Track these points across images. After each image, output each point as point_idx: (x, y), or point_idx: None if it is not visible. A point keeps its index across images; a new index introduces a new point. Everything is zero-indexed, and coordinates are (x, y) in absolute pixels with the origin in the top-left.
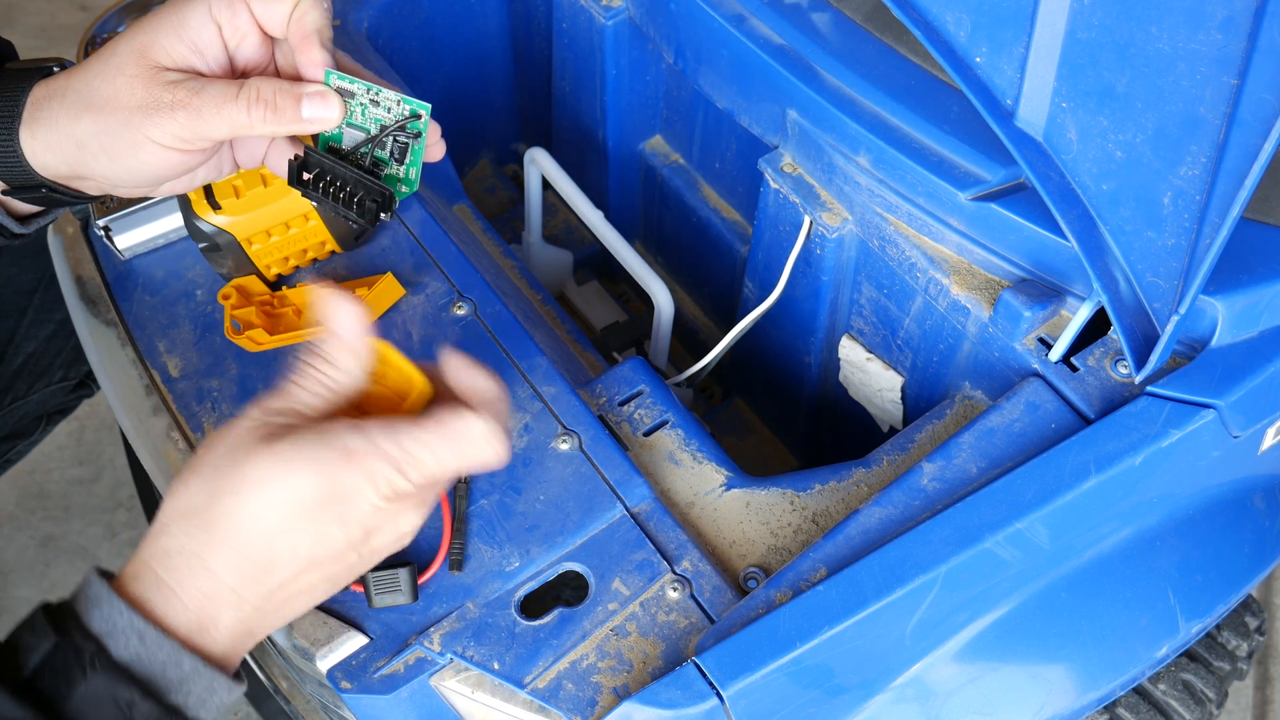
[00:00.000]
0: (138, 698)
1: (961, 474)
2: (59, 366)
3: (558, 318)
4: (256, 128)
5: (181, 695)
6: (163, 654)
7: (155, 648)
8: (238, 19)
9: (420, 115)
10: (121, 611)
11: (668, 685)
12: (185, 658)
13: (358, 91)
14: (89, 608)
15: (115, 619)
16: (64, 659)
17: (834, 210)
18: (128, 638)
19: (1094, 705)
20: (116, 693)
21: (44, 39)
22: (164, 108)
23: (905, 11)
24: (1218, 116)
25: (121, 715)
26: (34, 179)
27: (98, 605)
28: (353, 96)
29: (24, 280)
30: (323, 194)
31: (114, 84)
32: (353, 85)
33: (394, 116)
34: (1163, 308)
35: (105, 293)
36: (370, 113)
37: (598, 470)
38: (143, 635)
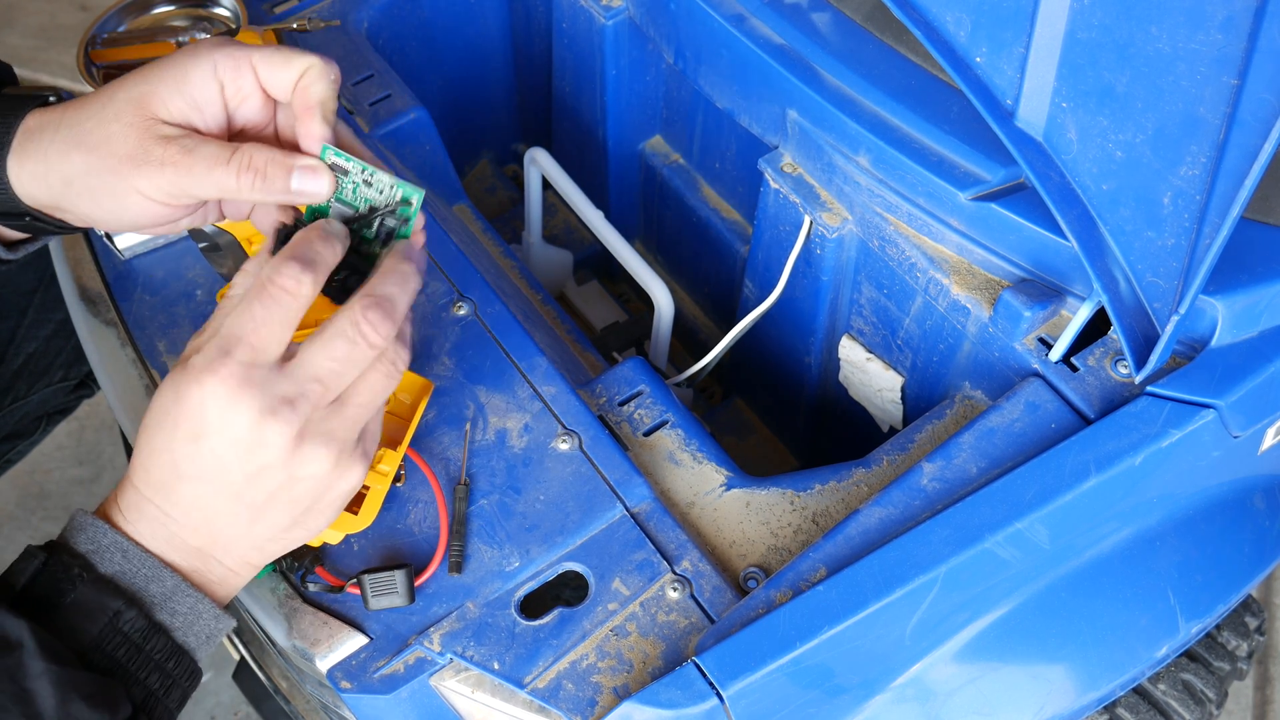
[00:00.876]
0: (124, 607)
1: (961, 474)
2: (59, 367)
3: (558, 318)
4: (244, 194)
5: (167, 613)
6: (145, 569)
7: (138, 563)
8: (241, 80)
9: (410, 201)
10: (105, 532)
11: (668, 685)
12: (166, 574)
13: (352, 170)
14: (74, 533)
15: (99, 539)
16: (52, 575)
17: (834, 210)
18: (111, 554)
19: (1094, 705)
20: (104, 602)
21: (44, 39)
22: (154, 162)
23: (905, 11)
24: (1218, 116)
25: (110, 624)
26: (18, 207)
27: (82, 529)
28: (346, 174)
29: (24, 280)
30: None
31: (108, 129)
32: (348, 163)
33: (385, 199)
34: (1163, 308)
35: (105, 293)
36: (361, 192)
37: (598, 470)
38: (125, 551)
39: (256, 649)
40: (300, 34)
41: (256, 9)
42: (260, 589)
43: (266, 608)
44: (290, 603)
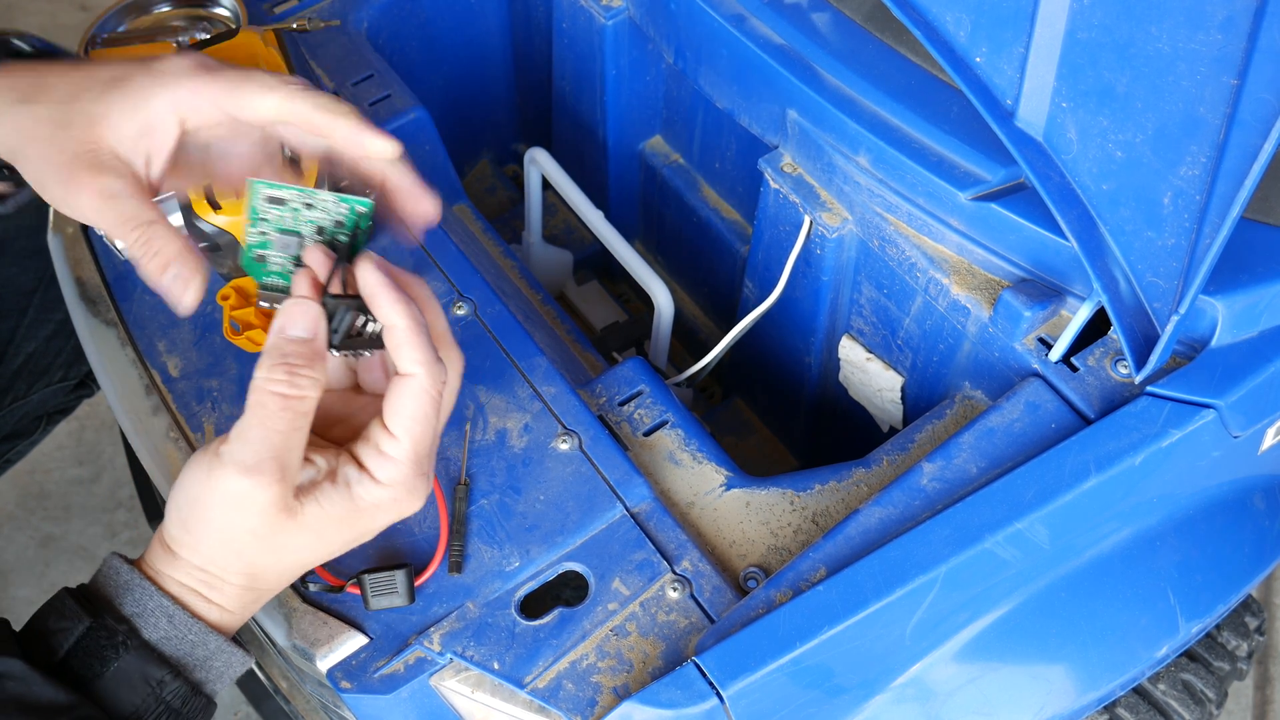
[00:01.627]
0: (168, 676)
1: (961, 474)
2: (59, 366)
3: (558, 318)
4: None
5: (204, 671)
6: (191, 634)
7: (184, 629)
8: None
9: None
10: (152, 595)
11: (668, 685)
12: (211, 638)
13: (289, 198)
14: (120, 592)
15: (146, 602)
16: (97, 640)
17: (834, 210)
18: (157, 619)
19: (1094, 705)
20: (148, 671)
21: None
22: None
23: (905, 11)
24: (1218, 116)
25: (152, 693)
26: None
27: (129, 590)
28: (283, 204)
29: (24, 280)
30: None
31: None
32: (283, 192)
33: (332, 216)
34: (1163, 308)
35: (105, 293)
36: (304, 216)
37: (598, 470)
38: (172, 616)
39: (256, 649)
40: (300, 34)
41: (256, 9)
42: None
43: (267, 608)
44: (290, 603)
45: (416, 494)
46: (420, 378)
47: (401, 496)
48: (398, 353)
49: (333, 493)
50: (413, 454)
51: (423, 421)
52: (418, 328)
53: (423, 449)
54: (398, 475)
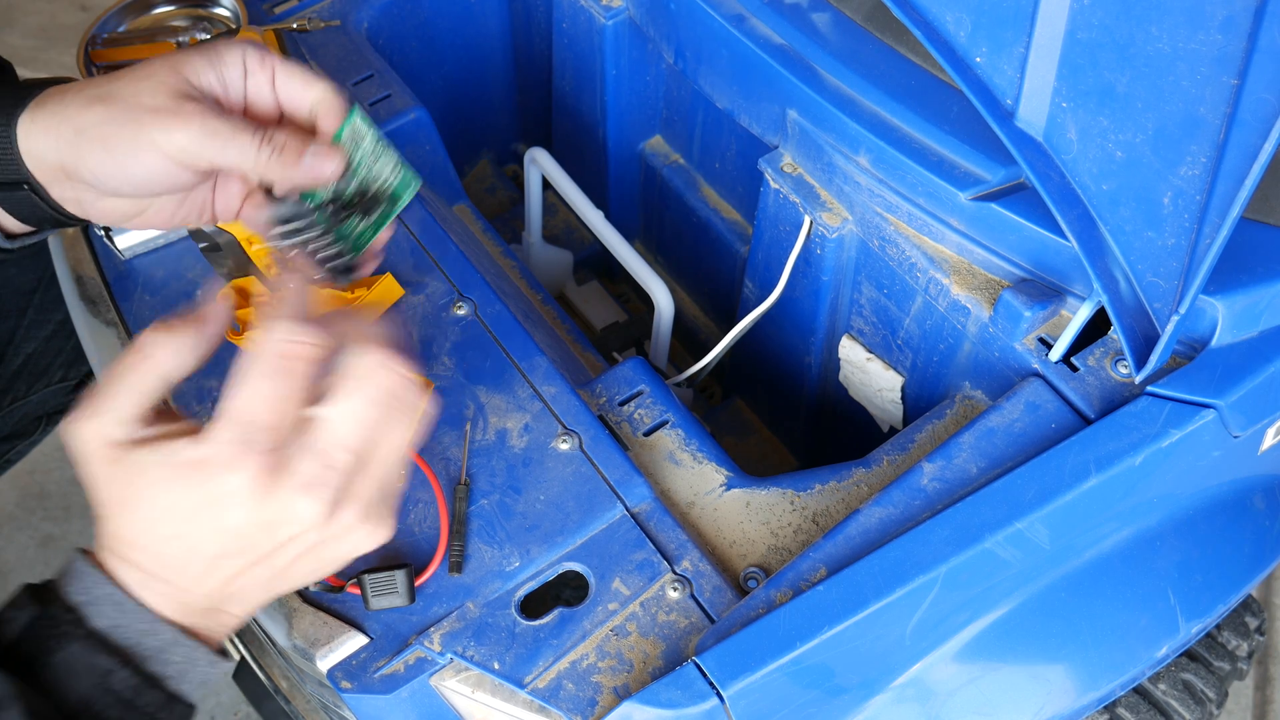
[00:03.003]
0: (115, 665)
1: (961, 474)
2: (59, 367)
3: (558, 318)
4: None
5: (160, 664)
6: (141, 623)
7: (133, 617)
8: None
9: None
10: (100, 583)
11: (668, 685)
12: (163, 627)
13: (369, 141)
14: (69, 581)
15: (94, 589)
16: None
17: (834, 210)
18: (104, 607)
19: (1094, 705)
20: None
21: (44, 39)
22: (182, 115)
23: (905, 11)
24: (1218, 116)
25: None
26: (19, 173)
27: (78, 578)
28: (362, 141)
29: (24, 280)
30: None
31: (137, 86)
32: (370, 132)
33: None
34: (1163, 308)
35: (105, 293)
36: (366, 163)
37: (598, 470)
38: (120, 605)
39: (256, 649)
40: (300, 34)
41: (256, 9)
42: None
43: (267, 608)
44: (290, 603)
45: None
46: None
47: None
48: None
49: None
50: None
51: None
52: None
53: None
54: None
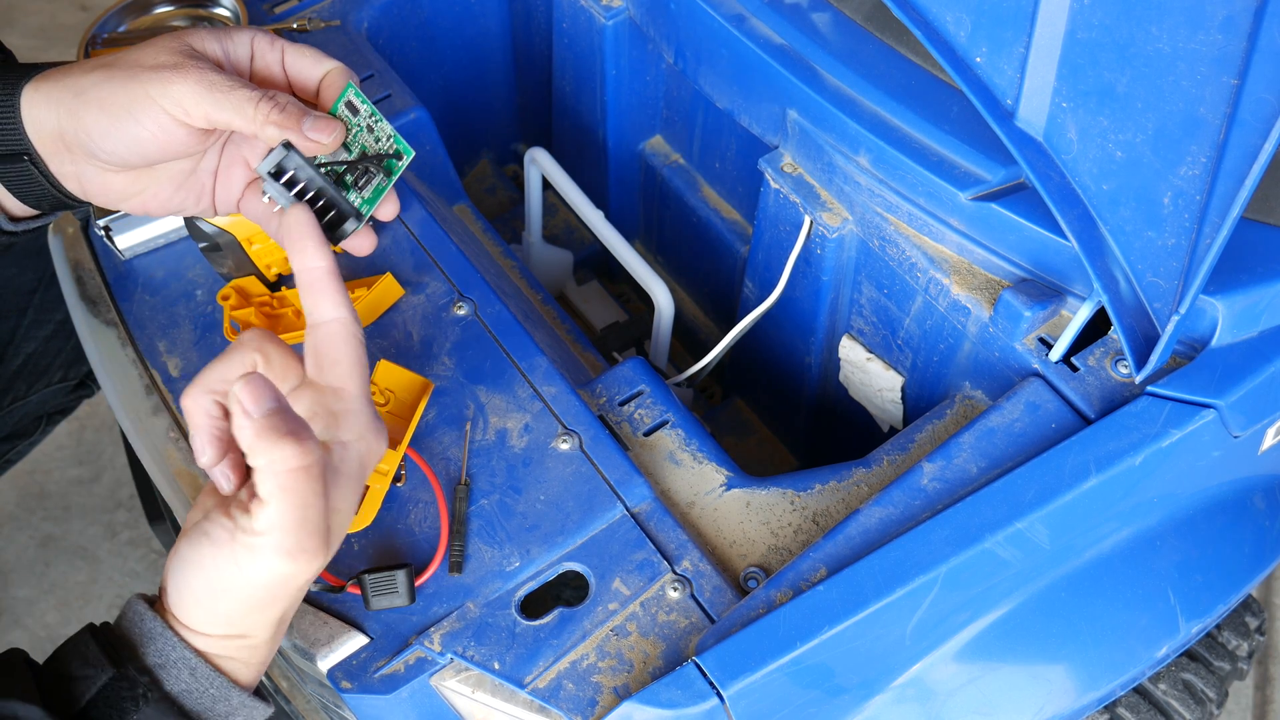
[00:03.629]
0: None
1: (962, 474)
2: (59, 367)
3: (558, 318)
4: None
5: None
6: (213, 689)
7: (206, 682)
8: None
9: (402, 157)
10: (175, 646)
11: (668, 685)
12: (234, 693)
13: (362, 112)
14: (144, 641)
15: (169, 653)
16: (119, 691)
17: (834, 210)
18: (180, 671)
19: (1094, 705)
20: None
21: (44, 39)
22: (180, 69)
23: (905, 11)
24: (1218, 116)
25: None
26: (19, 144)
27: (152, 640)
28: (356, 114)
29: (24, 280)
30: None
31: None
32: (364, 106)
33: (379, 149)
34: (1163, 308)
35: (105, 293)
36: (362, 137)
37: (598, 470)
38: (194, 670)
39: None
40: (300, 34)
41: (256, 9)
42: None
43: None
44: None
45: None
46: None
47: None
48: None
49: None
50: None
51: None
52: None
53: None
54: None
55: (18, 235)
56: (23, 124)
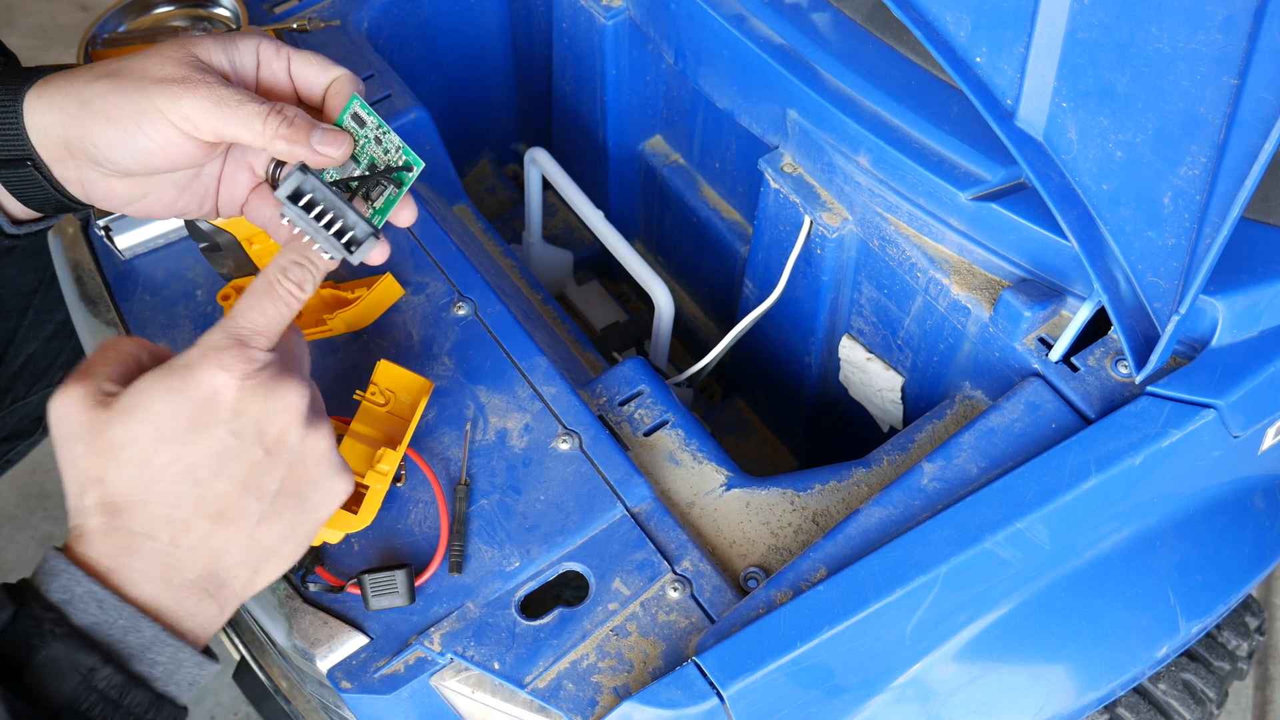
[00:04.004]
0: (99, 663)
1: (962, 474)
2: (59, 367)
3: (558, 318)
4: (265, 137)
5: (146, 664)
6: (122, 619)
7: (114, 613)
8: (277, 65)
9: (412, 169)
10: (79, 580)
11: (668, 685)
12: (145, 624)
13: (369, 124)
14: (47, 579)
15: (73, 587)
16: (23, 628)
17: (834, 210)
18: (86, 604)
19: (1094, 705)
20: (77, 659)
21: (44, 39)
22: (189, 83)
23: (905, 11)
24: (1218, 116)
25: (83, 681)
26: (23, 149)
27: (55, 575)
28: (363, 125)
29: (24, 281)
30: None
31: (146, 61)
32: (369, 117)
33: (388, 160)
34: (1163, 308)
35: (105, 293)
36: (370, 149)
37: (598, 470)
38: (101, 601)
39: (256, 649)
40: (300, 34)
41: (256, 9)
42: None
43: (267, 608)
44: (290, 603)
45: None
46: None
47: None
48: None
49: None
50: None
51: (250, 295)
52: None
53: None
54: (209, 337)
55: (20, 238)
56: (26, 129)
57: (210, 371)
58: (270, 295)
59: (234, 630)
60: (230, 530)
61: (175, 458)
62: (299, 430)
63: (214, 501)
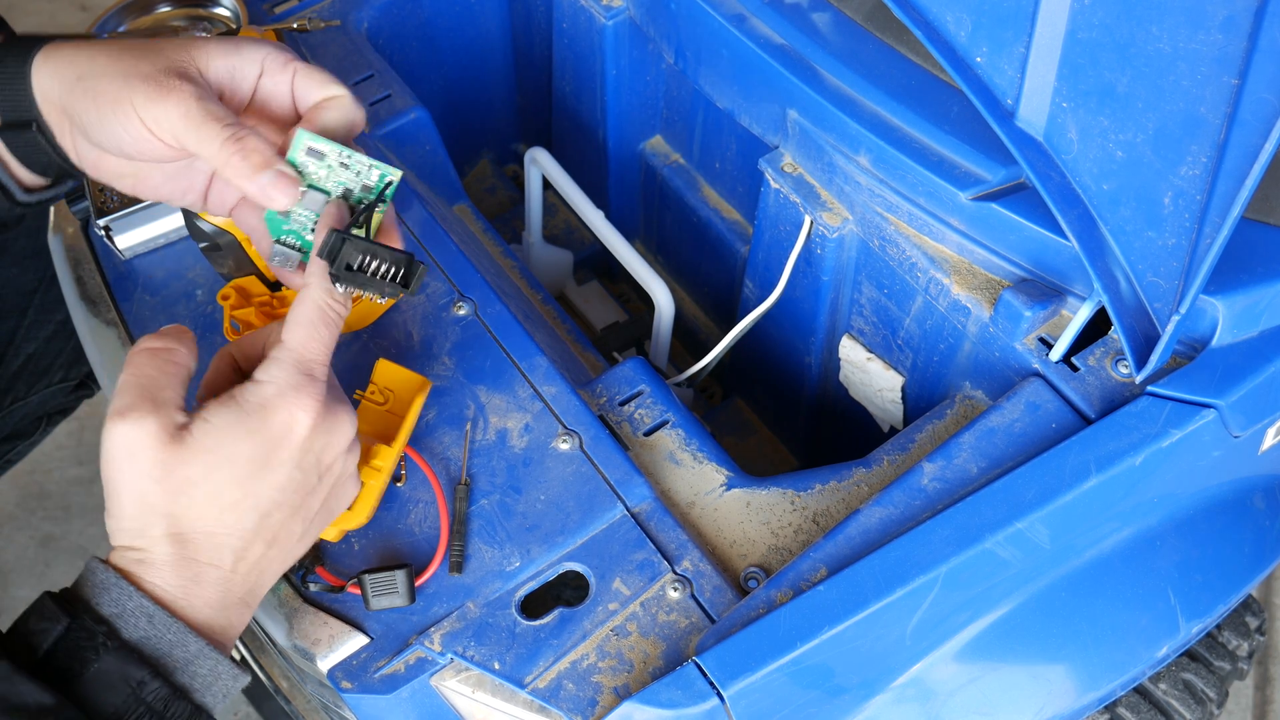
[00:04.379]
0: (148, 677)
1: (962, 474)
2: (59, 367)
3: (558, 318)
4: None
5: (188, 676)
6: (171, 634)
7: (164, 629)
8: (279, 76)
9: (391, 181)
10: (130, 595)
11: (668, 685)
12: (191, 639)
13: (329, 153)
14: (98, 593)
15: (124, 602)
16: (76, 641)
17: (834, 210)
18: (137, 619)
19: (1094, 705)
20: (128, 672)
21: None
22: (165, 88)
23: (905, 11)
24: (1218, 116)
25: (132, 694)
26: (29, 111)
27: (106, 590)
28: (323, 157)
29: (24, 281)
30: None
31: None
32: (325, 146)
33: (361, 180)
34: (1163, 307)
35: (105, 293)
36: (336, 175)
37: (598, 470)
38: (152, 617)
39: (256, 649)
40: (300, 34)
41: (256, 9)
42: None
43: (267, 608)
44: (291, 603)
45: (303, 391)
46: (313, 288)
47: (286, 392)
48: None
49: (218, 405)
50: (296, 354)
51: (307, 325)
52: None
53: (308, 351)
54: (279, 372)
55: (30, 205)
56: (33, 93)
57: (288, 413)
58: (324, 320)
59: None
60: (277, 550)
61: (247, 494)
62: (345, 455)
63: (272, 529)
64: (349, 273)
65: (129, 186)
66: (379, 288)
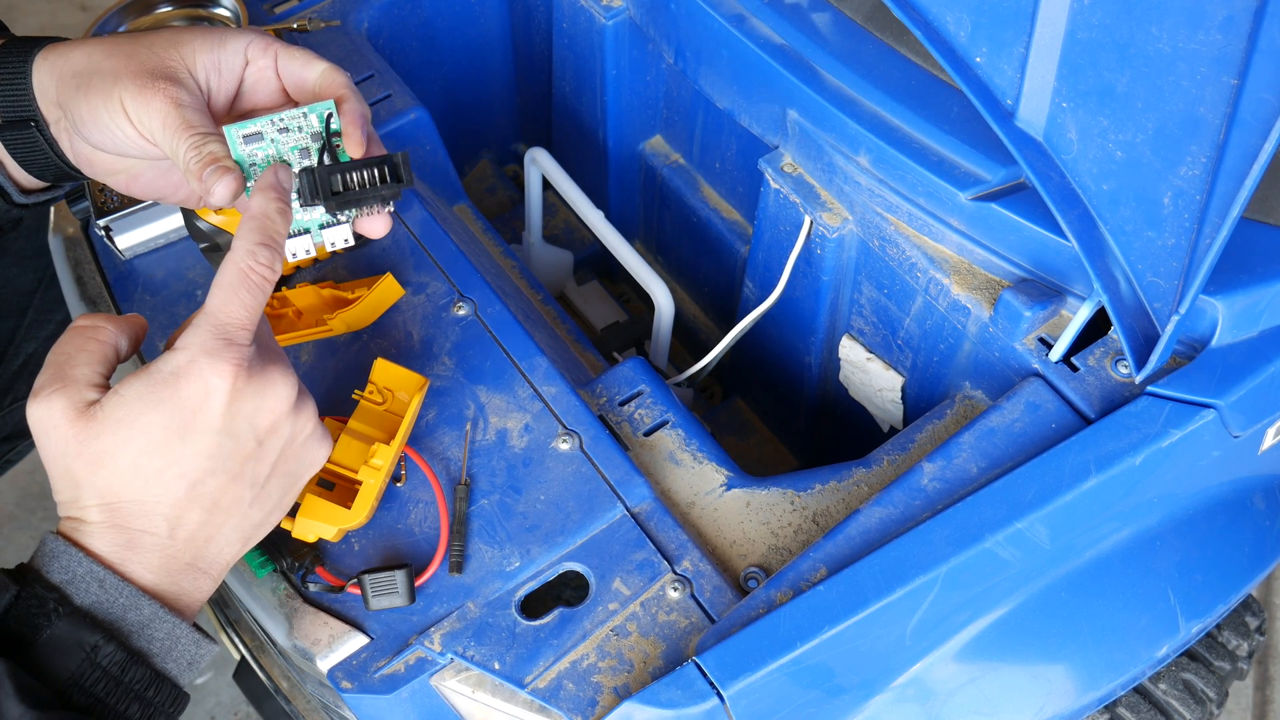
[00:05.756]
0: (102, 641)
1: (962, 474)
2: None
3: (558, 318)
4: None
5: (145, 640)
6: (123, 599)
7: (115, 593)
8: (263, 60)
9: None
10: (80, 560)
11: (668, 685)
12: (145, 602)
13: (263, 129)
14: (48, 561)
15: (74, 568)
16: (27, 609)
17: (834, 210)
18: (88, 584)
19: (1094, 705)
20: (81, 637)
21: None
22: (150, 89)
23: (905, 11)
24: (1218, 116)
25: (87, 658)
26: (28, 109)
27: (55, 558)
28: (260, 137)
29: (24, 280)
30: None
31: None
32: (256, 126)
33: (307, 132)
34: (1163, 308)
35: (105, 293)
36: (282, 142)
37: (598, 470)
38: (103, 581)
39: (256, 649)
40: (300, 34)
41: (256, 9)
42: (261, 589)
43: (267, 608)
44: (291, 603)
45: (219, 356)
46: (235, 250)
47: (199, 359)
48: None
49: (131, 377)
50: (214, 319)
51: (226, 289)
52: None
53: (225, 315)
54: (193, 338)
55: (28, 208)
56: (33, 91)
57: (201, 379)
58: (245, 284)
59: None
60: (224, 516)
61: (170, 463)
62: (289, 417)
63: (209, 495)
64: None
65: (122, 183)
66: (378, 194)
